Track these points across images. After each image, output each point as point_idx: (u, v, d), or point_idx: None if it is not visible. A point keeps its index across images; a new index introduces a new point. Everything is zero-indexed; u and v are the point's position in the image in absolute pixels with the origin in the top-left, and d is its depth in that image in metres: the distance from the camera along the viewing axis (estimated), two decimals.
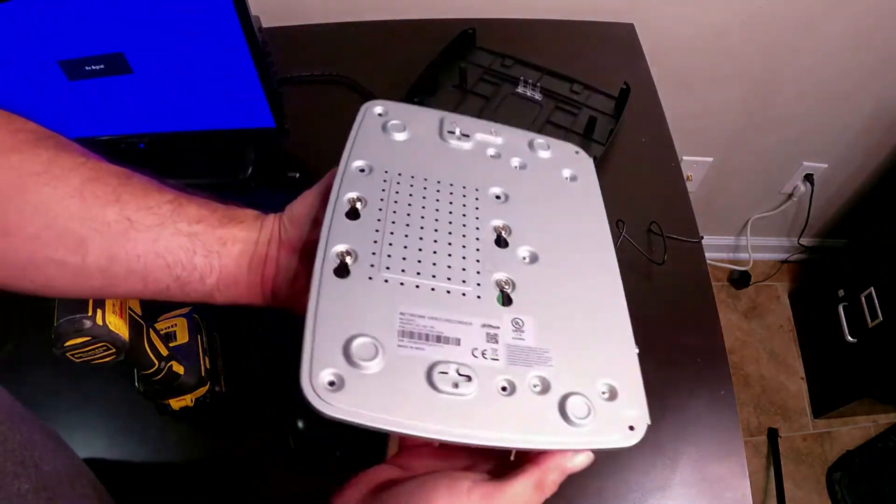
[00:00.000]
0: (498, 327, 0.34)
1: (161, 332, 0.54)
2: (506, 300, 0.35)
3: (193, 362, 0.56)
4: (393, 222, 0.36)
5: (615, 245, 0.63)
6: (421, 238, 0.36)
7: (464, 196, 0.40)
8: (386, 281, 0.33)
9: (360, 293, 0.33)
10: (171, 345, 0.55)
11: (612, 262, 0.40)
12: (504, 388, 0.32)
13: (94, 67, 0.63)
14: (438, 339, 0.32)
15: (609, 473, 0.54)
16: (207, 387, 0.56)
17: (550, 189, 0.44)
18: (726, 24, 1.04)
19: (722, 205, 1.53)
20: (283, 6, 0.95)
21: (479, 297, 0.35)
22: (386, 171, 0.40)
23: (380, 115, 0.44)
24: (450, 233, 0.37)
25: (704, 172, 1.39)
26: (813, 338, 1.60)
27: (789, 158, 1.38)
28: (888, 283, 1.25)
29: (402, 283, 0.34)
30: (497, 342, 0.33)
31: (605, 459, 0.54)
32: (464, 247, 0.37)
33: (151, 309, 0.52)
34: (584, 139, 0.76)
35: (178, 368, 0.53)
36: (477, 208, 0.39)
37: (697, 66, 1.11)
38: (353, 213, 0.37)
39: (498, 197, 0.41)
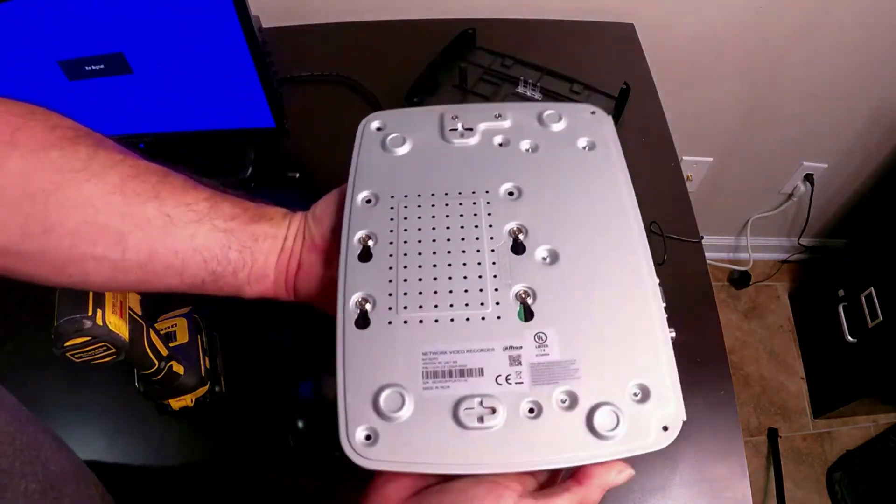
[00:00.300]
0: (521, 347, 0.33)
1: (161, 332, 0.54)
2: (527, 314, 0.34)
3: (193, 362, 0.56)
4: (405, 254, 0.36)
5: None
6: (434, 265, 0.36)
7: (474, 204, 0.38)
8: (405, 322, 0.34)
9: (382, 341, 0.33)
10: (171, 345, 0.55)
11: (638, 240, 0.37)
12: (531, 410, 0.32)
13: (94, 67, 0.63)
14: (462, 372, 0.32)
15: None
16: (207, 387, 0.56)
17: (566, 167, 0.41)
18: (726, 24, 1.03)
19: (722, 205, 1.53)
20: (283, 6, 0.95)
21: (498, 317, 0.34)
22: (392, 197, 0.39)
23: (378, 129, 0.43)
24: (463, 251, 0.36)
25: (704, 172, 1.39)
26: (813, 338, 1.60)
27: (789, 158, 1.38)
28: (888, 283, 1.25)
29: (420, 321, 0.34)
30: (520, 363, 0.33)
31: None
32: (479, 263, 0.36)
33: (151, 309, 0.52)
34: None
35: (178, 368, 0.53)
36: (489, 214, 0.38)
37: (697, 66, 1.11)
38: (365, 254, 0.37)
39: (511, 193, 0.39)
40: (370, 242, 0.37)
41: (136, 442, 0.57)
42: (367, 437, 0.30)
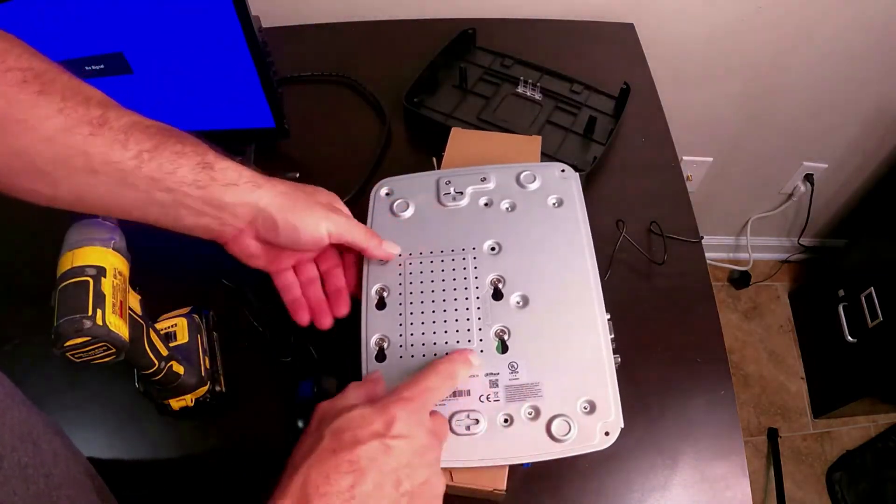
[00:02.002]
0: (498, 373, 0.43)
1: (161, 332, 0.54)
2: (503, 347, 0.44)
3: (193, 362, 0.56)
4: (411, 303, 0.45)
5: (615, 246, 0.63)
6: (433, 311, 0.45)
7: (463, 259, 0.47)
8: (412, 356, 0.43)
9: (396, 371, 0.43)
10: (171, 345, 0.55)
11: (593, 284, 0.46)
12: (506, 421, 0.42)
13: (94, 67, 0.63)
14: (454, 393, 0.42)
15: (609, 473, 0.54)
16: (207, 387, 0.56)
17: (538, 223, 0.49)
18: (726, 24, 1.03)
19: (722, 205, 1.53)
20: (283, 6, 0.95)
21: (481, 350, 0.43)
22: (399, 255, 0.48)
23: (387, 194, 0.52)
24: (455, 299, 0.45)
25: (704, 172, 1.39)
26: (813, 338, 1.60)
27: (789, 158, 1.38)
28: (888, 283, 1.25)
29: (423, 355, 0.43)
30: (498, 386, 0.43)
31: (607, 460, 0.54)
32: (467, 309, 0.45)
33: (151, 309, 0.52)
34: (584, 139, 0.76)
35: (178, 368, 0.53)
36: (476, 267, 0.47)
37: (698, 65, 1.11)
38: (380, 304, 0.46)
39: (493, 248, 0.48)
40: (384, 293, 0.46)
41: (136, 442, 0.57)
42: None
